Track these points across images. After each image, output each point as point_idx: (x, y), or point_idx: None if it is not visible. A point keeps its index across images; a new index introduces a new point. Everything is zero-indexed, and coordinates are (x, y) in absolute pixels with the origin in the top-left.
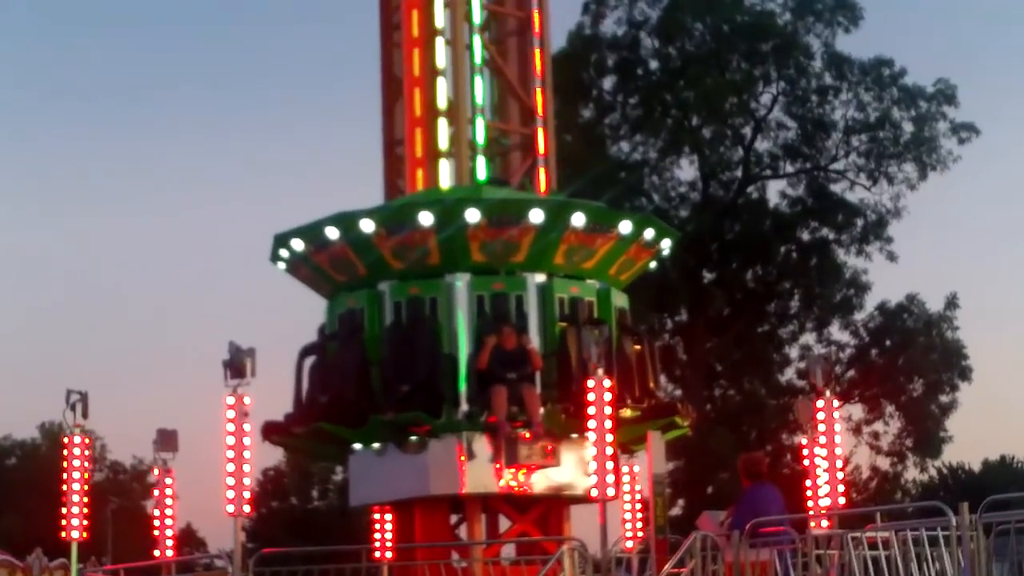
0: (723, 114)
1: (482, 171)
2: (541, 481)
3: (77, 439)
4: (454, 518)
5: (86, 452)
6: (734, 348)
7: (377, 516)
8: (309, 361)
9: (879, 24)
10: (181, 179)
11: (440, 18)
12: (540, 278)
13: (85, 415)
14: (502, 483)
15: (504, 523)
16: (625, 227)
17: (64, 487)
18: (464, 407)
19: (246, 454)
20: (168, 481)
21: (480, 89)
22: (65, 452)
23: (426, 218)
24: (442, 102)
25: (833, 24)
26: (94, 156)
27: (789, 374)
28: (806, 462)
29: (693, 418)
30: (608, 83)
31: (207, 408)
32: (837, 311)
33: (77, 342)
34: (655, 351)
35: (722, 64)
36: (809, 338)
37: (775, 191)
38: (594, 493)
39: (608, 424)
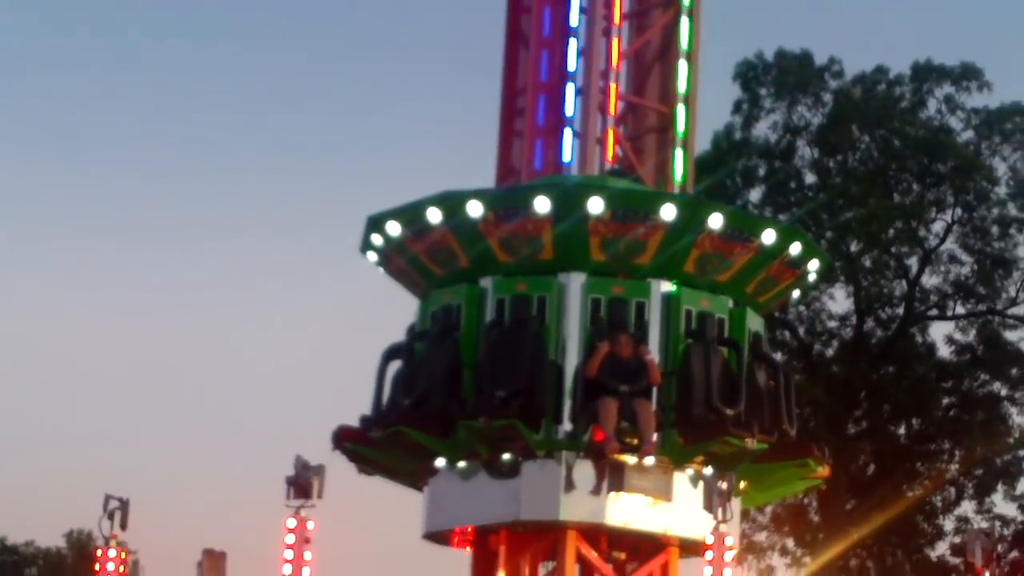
0: (887, 241)
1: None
2: (647, 517)
3: (112, 552)
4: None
5: (121, 568)
6: (877, 513)
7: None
8: (394, 366)
9: None
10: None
11: (570, 106)
12: (666, 286)
13: (124, 526)
14: (607, 516)
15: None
16: (768, 237)
17: None
18: (566, 425)
19: None
20: None
21: None
22: (97, 566)
23: (542, 204)
24: None
25: (1023, 147)
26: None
27: (941, 549)
28: None
29: (830, 467)
30: (756, 195)
31: (263, 529)
32: (1002, 478)
33: (120, 440)
34: (791, 387)
35: (889, 183)
36: (968, 508)
37: (940, 334)
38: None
39: None
